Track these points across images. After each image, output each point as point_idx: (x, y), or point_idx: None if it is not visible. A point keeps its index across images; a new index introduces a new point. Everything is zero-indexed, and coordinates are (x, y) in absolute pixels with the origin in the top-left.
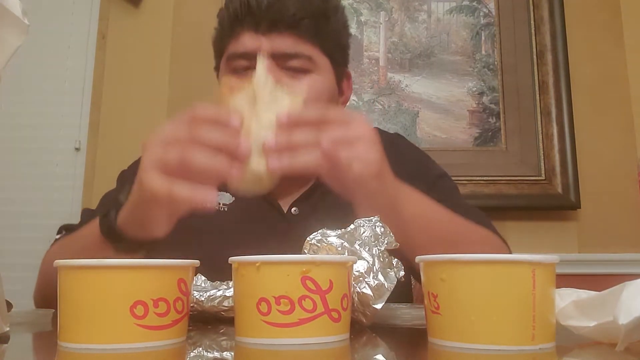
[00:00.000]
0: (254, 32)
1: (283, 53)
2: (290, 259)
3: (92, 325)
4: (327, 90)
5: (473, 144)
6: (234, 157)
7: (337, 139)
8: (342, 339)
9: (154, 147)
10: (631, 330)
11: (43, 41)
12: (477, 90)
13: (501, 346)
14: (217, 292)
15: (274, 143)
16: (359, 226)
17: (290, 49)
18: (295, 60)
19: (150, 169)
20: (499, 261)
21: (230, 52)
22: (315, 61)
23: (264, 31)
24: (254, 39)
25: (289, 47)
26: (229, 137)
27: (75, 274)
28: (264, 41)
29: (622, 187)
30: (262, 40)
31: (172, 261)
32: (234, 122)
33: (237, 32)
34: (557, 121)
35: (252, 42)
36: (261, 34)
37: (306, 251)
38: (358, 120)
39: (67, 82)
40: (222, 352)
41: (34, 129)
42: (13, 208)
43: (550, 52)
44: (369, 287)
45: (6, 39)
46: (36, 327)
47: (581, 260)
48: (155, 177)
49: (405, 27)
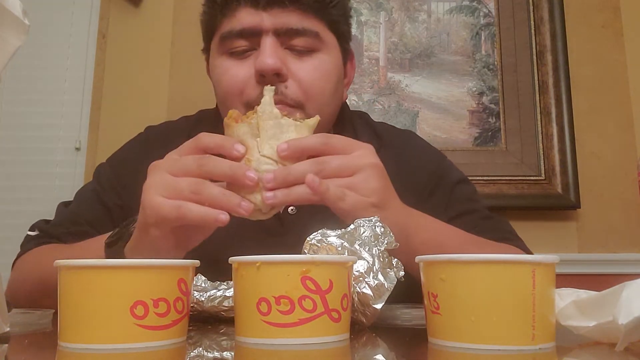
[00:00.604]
0: (253, 7)
1: (288, 29)
2: (290, 259)
3: (92, 325)
4: (335, 70)
5: (473, 144)
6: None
7: (333, 169)
8: (342, 339)
9: (160, 175)
10: (631, 330)
11: (43, 41)
12: (477, 90)
13: (501, 346)
14: (217, 292)
15: (271, 178)
16: (359, 226)
17: (296, 25)
18: (301, 37)
19: (156, 194)
20: (499, 261)
21: (225, 31)
22: (323, 38)
23: (264, 5)
24: (253, 14)
25: (295, 23)
26: (237, 169)
27: (75, 274)
28: (266, 17)
29: (622, 187)
30: (263, 16)
31: (172, 261)
32: (238, 149)
33: (232, 7)
34: (557, 121)
35: (252, 18)
36: (261, 9)
37: (306, 251)
38: (361, 149)
39: (67, 82)
40: (222, 352)
41: (34, 129)
42: (13, 208)
43: (550, 52)
44: (369, 287)
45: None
46: (36, 327)
47: (581, 260)
48: (163, 200)
49: (405, 27)
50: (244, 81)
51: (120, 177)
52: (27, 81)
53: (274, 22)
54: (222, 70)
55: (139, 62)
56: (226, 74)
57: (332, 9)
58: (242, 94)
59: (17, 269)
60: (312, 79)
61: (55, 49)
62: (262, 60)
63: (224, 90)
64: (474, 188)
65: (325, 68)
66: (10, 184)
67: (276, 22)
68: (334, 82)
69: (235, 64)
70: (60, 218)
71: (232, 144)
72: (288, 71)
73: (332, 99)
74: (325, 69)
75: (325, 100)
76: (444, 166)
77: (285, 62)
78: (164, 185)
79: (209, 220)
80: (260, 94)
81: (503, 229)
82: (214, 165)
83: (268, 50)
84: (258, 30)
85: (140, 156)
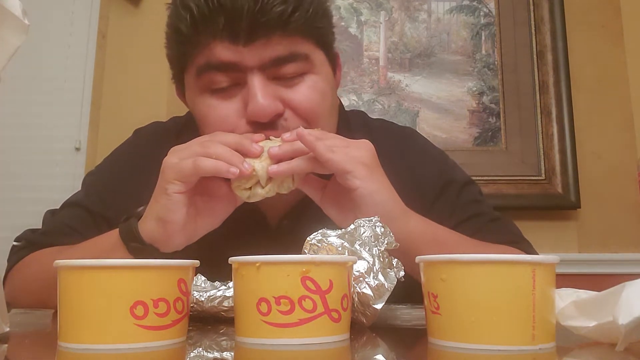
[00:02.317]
0: (231, 42)
1: (275, 60)
2: (290, 259)
3: (92, 325)
4: (329, 87)
5: (473, 144)
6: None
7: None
8: (342, 339)
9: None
10: (631, 330)
11: (43, 41)
12: (477, 90)
13: (501, 346)
14: (217, 292)
15: (277, 149)
16: (359, 226)
17: (283, 53)
18: (290, 64)
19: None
20: (499, 261)
21: (202, 64)
22: (312, 59)
23: (245, 42)
24: (232, 50)
25: (282, 51)
26: (243, 139)
27: (75, 274)
28: (247, 53)
29: (622, 187)
30: (244, 53)
31: (172, 261)
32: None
33: (205, 42)
34: (557, 121)
35: (231, 54)
36: (242, 45)
37: (306, 251)
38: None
39: (67, 82)
40: (222, 352)
41: (34, 129)
42: (13, 208)
43: (550, 52)
44: (369, 287)
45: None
46: (36, 327)
47: (581, 260)
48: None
49: (405, 27)
50: (233, 123)
51: (108, 187)
52: (27, 81)
53: (259, 57)
54: (206, 110)
55: (139, 62)
56: (212, 113)
57: (319, 21)
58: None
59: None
60: (309, 104)
61: (55, 49)
62: (255, 109)
63: (210, 129)
64: (478, 189)
65: (320, 88)
66: (10, 184)
67: (261, 56)
68: (330, 98)
69: (220, 103)
70: (48, 227)
71: (251, 142)
72: (283, 103)
73: (332, 114)
74: (319, 89)
75: (326, 119)
76: (447, 169)
77: (279, 96)
78: (179, 150)
79: (221, 171)
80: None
81: (509, 231)
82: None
83: (259, 92)
84: (240, 67)
85: (129, 164)
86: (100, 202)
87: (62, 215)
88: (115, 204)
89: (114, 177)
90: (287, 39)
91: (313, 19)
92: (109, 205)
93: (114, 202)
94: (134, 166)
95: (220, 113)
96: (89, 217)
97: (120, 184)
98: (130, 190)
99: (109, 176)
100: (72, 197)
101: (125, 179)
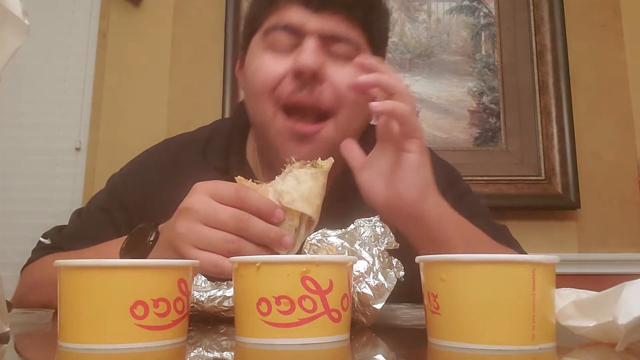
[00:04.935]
0: (304, 6)
1: (332, 35)
2: (290, 259)
3: (92, 325)
4: None
5: (473, 144)
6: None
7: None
8: (342, 339)
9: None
10: (631, 330)
11: (43, 41)
12: (477, 90)
13: (501, 346)
14: (217, 292)
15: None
16: (359, 226)
17: (341, 32)
18: (343, 44)
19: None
20: (499, 261)
21: (271, 24)
22: (361, 50)
23: (316, 7)
24: (302, 14)
25: (341, 30)
26: (274, 233)
27: (75, 274)
28: (313, 19)
29: (622, 187)
30: (311, 18)
31: (172, 261)
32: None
33: (281, 3)
34: (557, 121)
35: (299, 17)
36: (312, 10)
37: (306, 251)
38: None
39: (67, 82)
40: (222, 352)
41: (34, 129)
42: (13, 208)
43: (550, 52)
44: (369, 287)
45: (6, 40)
46: (36, 327)
47: (581, 260)
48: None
49: (405, 27)
50: (280, 76)
51: (130, 193)
52: (27, 81)
53: (321, 26)
54: (259, 63)
55: (139, 62)
56: (263, 66)
57: (374, 24)
58: (274, 89)
59: (27, 274)
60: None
61: (55, 49)
62: (303, 60)
63: (258, 83)
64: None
65: None
66: (10, 184)
67: (323, 26)
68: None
69: (274, 58)
70: (72, 230)
71: (273, 210)
72: (325, 75)
73: (362, 112)
74: None
75: (357, 112)
76: (455, 176)
77: (324, 65)
78: (197, 238)
79: None
80: (294, 92)
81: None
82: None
83: (309, 50)
84: (303, 30)
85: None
86: (123, 210)
87: (88, 219)
88: (137, 212)
89: (136, 186)
90: (349, 23)
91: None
92: (131, 212)
93: (136, 210)
94: (160, 175)
95: (270, 66)
96: (111, 224)
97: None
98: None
99: (132, 184)
100: (99, 200)
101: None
